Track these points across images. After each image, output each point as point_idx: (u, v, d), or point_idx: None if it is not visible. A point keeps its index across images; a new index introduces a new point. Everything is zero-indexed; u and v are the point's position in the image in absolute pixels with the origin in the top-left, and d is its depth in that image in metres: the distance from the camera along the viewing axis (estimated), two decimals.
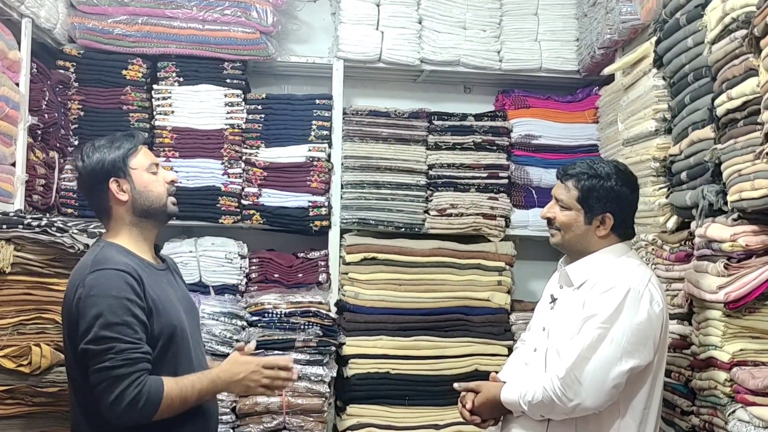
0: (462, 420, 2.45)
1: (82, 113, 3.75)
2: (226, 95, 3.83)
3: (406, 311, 3.79)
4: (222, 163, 3.80)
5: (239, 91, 3.85)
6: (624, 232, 2.37)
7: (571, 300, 2.32)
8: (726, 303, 2.25)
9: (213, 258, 3.72)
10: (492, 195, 3.96)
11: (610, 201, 2.31)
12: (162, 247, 2.38)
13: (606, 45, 3.64)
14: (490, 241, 3.94)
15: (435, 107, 4.10)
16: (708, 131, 2.45)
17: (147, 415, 2.02)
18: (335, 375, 3.63)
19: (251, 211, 3.81)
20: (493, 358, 3.75)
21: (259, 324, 3.55)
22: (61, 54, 3.75)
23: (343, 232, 3.92)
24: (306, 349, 3.54)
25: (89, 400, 2.10)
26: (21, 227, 2.59)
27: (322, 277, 3.81)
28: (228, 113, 3.83)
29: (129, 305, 2.04)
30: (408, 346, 3.74)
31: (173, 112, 3.79)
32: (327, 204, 3.86)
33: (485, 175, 3.98)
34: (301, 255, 3.88)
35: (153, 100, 3.80)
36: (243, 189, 3.82)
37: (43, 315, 2.60)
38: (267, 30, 3.83)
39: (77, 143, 3.69)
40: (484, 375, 2.93)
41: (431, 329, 3.78)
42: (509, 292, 3.91)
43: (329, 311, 3.67)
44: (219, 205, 3.78)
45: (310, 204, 3.84)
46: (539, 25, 4.09)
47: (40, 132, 3.42)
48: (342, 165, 3.91)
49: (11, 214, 2.74)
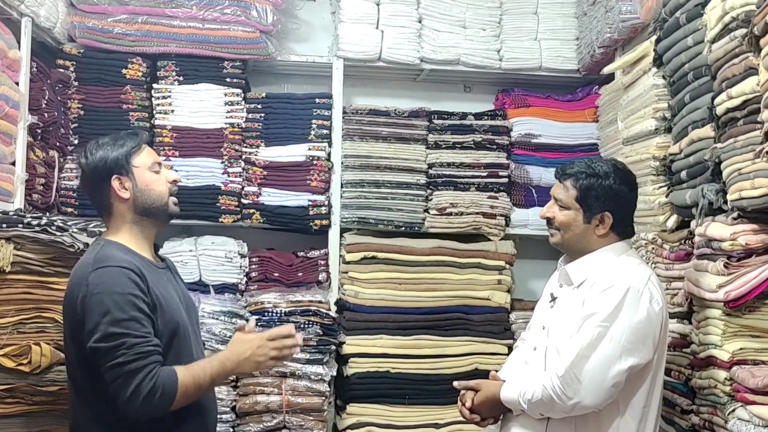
0: (462, 419, 2.45)
1: (82, 112, 3.75)
2: (225, 94, 3.83)
3: (406, 310, 3.79)
4: (222, 162, 3.80)
5: (239, 90, 3.85)
6: (623, 230, 2.37)
7: (571, 299, 2.32)
8: (726, 302, 2.25)
9: (213, 257, 3.71)
10: (492, 194, 3.96)
11: (608, 200, 2.31)
12: (161, 247, 2.39)
13: (606, 44, 3.64)
14: (490, 240, 3.93)
15: (435, 106, 4.10)
16: (708, 130, 2.45)
17: (164, 406, 2.03)
18: (335, 374, 3.63)
19: (251, 210, 3.81)
20: (493, 357, 3.75)
21: (259, 323, 3.53)
22: (61, 53, 3.75)
23: (343, 231, 3.92)
24: (306, 348, 3.54)
25: (90, 399, 2.10)
26: (21, 226, 2.59)
27: (322, 276, 3.81)
28: (228, 112, 3.83)
29: (135, 301, 2.04)
30: (408, 345, 3.74)
31: (173, 111, 3.79)
32: (327, 203, 3.86)
33: (485, 174, 3.97)
34: (301, 254, 3.88)
35: (153, 99, 3.80)
36: (243, 188, 3.81)
37: (43, 314, 2.60)
38: (267, 29, 3.83)
39: (77, 142, 3.69)
40: (484, 374, 2.93)
41: (431, 328, 3.78)
42: (509, 291, 3.91)
43: (329, 310, 3.67)
44: (219, 204, 3.78)
45: (310, 203, 3.84)
46: (539, 24, 4.08)
47: (39, 131, 3.42)
48: (342, 164, 3.91)
49: (11, 213, 2.73)
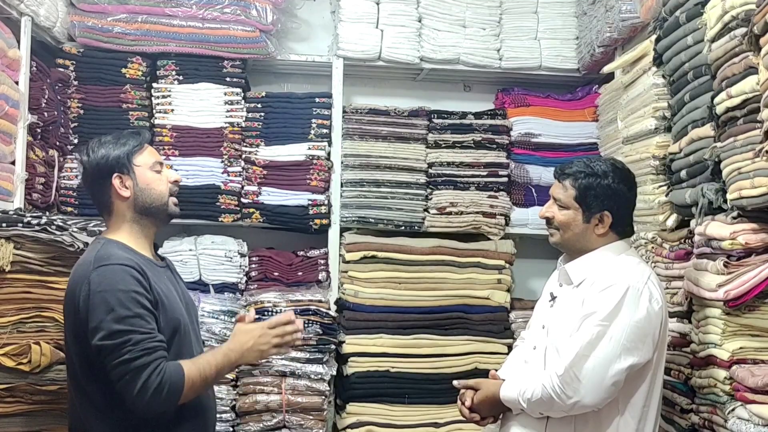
0: (461, 418, 2.45)
1: (81, 111, 3.74)
2: (225, 93, 3.83)
3: (405, 309, 3.79)
4: (222, 162, 3.80)
5: (239, 90, 3.84)
6: (623, 229, 2.37)
7: (571, 298, 2.32)
8: (725, 301, 2.25)
9: (213, 256, 3.72)
10: (492, 193, 3.96)
11: (607, 199, 2.31)
12: (161, 246, 2.39)
13: (606, 43, 3.64)
14: (489, 240, 3.93)
15: (435, 105, 4.10)
16: (708, 129, 2.45)
17: (173, 401, 2.03)
18: (335, 373, 3.63)
19: (251, 210, 3.81)
20: (493, 356, 3.74)
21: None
22: (61, 52, 3.75)
23: (343, 230, 3.92)
24: (306, 348, 3.53)
25: (92, 398, 2.10)
26: (20, 225, 2.59)
27: (321, 276, 3.82)
28: (228, 111, 3.82)
29: (138, 298, 2.05)
30: (408, 344, 3.74)
31: (173, 110, 3.79)
32: (327, 202, 3.86)
33: (485, 174, 3.97)
34: (301, 253, 3.88)
35: (152, 98, 3.80)
36: (243, 187, 3.81)
37: (43, 313, 2.60)
38: (266, 28, 3.83)
39: (77, 142, 3.69)
40: (483, 373, 2.94)
41: (431, 327, 3.78)
42: (509, 290, 3.91)
43: (329, 309, 3.66)
44: (219, 204, 3.78)
45: (309, 202, 3.84)
46: (539, 24, 4.08)
47: (39, 130, 3.41)
48: (342, 163, 3.91)
49: (11, 212, 2.73)
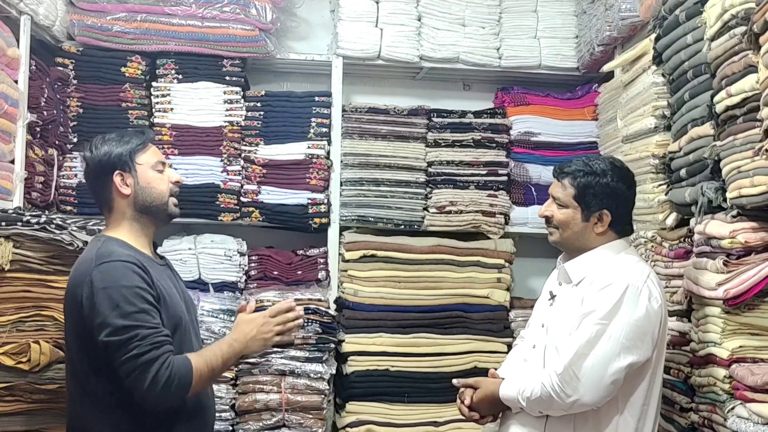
0: (461, 416, 2.45)
1: (81, 110, 3.74)
2: (225, 92, 3.82)
3: (405, 308, 3.79)
4: (221, 161, 3.79)
5: (238, 89, 3.84)
6: (622, 228, 2.37)
7: (570, 297, 2.32)
8: (725, 300, 2.25)
9: (212, 255, 3.71)
10: (491, 192, 3.95)
11: (606, 197, 2.31)
12: (160, 245, 2.39)
13: (605, 42, 3.64)
14: (489, 239, 3.93)
15: (434, 104, 4.09)
16: (707, 128, 2.45)
17: (182, 393, 2.04)
18: (334, 372, 3.63)
19: (250, 209, 3.81)
20: (493, 355, 3.74)
21: None
22: (60, 51, 3.74)
23: (343, 229, 3.91)
24: (305, 347, 3.53)
25: (93, 396, 2.10)
26: (20, 224, 2.59)
27: (321, 275, 3.81)
28: (227, 110, 3.82)
29: (142, 293, 2.05)
30: (407, 343, 3.74)
31: (172, 109, 3.78)
32: (326, 201, 3.85)
33: (484, 173, 3.97)
34: (301, 252, 3.88)
35: (152, 97, 3.79)
36: (242, 186, 3.81)
37: (42, 312, 2.60)
38: (266, 27, 3.83)
39: (76, 140, 3.69)
40: (483, 372, 2.93)
41: (430, 326, 3.78)
42: (508, 289, 3.91)
43: (328, 308, 3.65)
44: (218, 203, 3.77)
45: (309, 201, 3.84)
46: (538, 22, 4.08)
47: (39, 129, 3.41)
48: (341, 162, 3.90)
49: (10, 211, 2.73)
